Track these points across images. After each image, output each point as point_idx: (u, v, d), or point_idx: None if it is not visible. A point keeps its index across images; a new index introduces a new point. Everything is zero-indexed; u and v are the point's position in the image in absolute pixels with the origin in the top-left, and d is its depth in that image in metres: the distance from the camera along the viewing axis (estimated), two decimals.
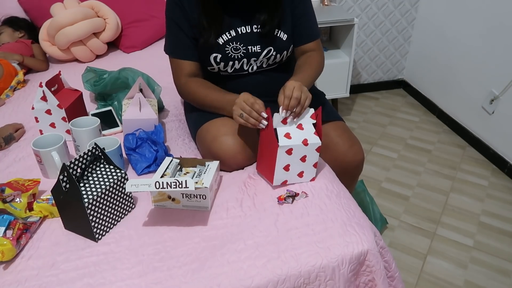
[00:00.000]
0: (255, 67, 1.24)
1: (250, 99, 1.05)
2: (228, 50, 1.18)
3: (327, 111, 1.33)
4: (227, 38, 1.18)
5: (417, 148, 2.33)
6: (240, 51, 1.19)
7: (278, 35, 1.20)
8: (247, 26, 1.19)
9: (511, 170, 2.06)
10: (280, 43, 1.21)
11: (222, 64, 1.20)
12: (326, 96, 1.43)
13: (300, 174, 1.10)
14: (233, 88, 1.24)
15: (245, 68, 1.23)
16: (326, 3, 2.45)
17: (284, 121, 1.05)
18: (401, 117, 2.65)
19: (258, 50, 1.20)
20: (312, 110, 1.08)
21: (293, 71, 1.30)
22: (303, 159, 1.07)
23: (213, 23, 1.16)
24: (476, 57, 2.21)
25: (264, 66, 1.24)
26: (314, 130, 1.08)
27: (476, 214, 1.86)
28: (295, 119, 1.07)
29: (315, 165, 1.09)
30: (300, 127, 1.08)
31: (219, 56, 1.19)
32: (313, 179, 1.12)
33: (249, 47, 1.19)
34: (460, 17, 2.30)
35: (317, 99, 1.35)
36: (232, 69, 1.22)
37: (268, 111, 1.04)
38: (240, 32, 1.19)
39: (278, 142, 1.02)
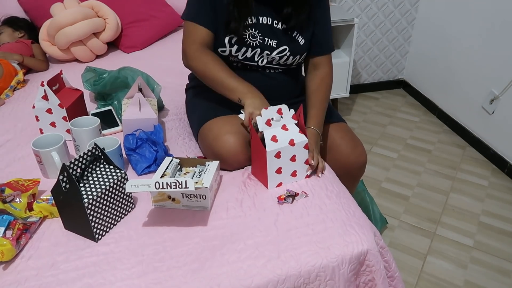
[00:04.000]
0: (265, 61, 1.22)
1: (256, 112, 1.06)
2: (246, 35, 1.17)
3: (328, 112, 1.32)
4: (247, 23, 1.16)
5: (417, 148, 2.33)
6: (257, 39, 1.18)
7: (296, 37, 1.19)
8: (269, 18, 1.17)
9: (511, 170, 2.06)
10: (296, 46, 1.20)
11: (235, 47, 1.18)
12: None
13: (293, 174, 1.10)
14: None
15: (256, 59, 1.21)
16: None
17: (268, 123, 1.06)
18: (401, 117, 2.65)
19: (273, 45, 1.19)
20: (292, 111, 1.08)
21: (299, 78, 1.29)
22: (292, 159, 1.07)
23: (244, 14, 1.14)
24: (476, 57, 2.21)
25: (274, 63, 1.23)
26: (298, 129, 1.09)
27: (476, 214, 1.86)
28: (276, 118, 1.07)
29: (306, 162, 1.10)
30: (284, 127, 1.08)
31: (235, 38, 1.17)
32: (307, 176, 1.12)
33: (266, 39, 1.18)
34: (460, 17, 2.30)
35: None
36: (243, 56, 1.20)
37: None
38: (261, 22, 1.17)
39: (265, 147, 1.03)
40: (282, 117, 1.07)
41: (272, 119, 1.06)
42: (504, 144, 2.10)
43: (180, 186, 0.91)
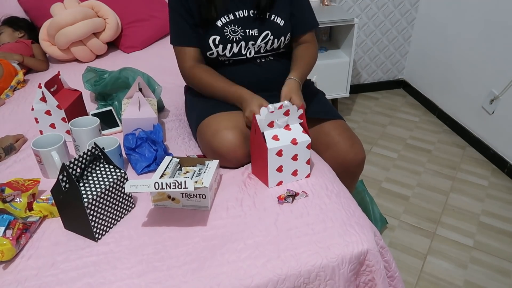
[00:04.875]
0: (253, 52, 1.26)
1: (264, 104, 1.11)
2: (227, 32, 1.22)
3: (326, 109, 1.32)
4: (225, 21, 1.22)
5: (417, 148, 2.33)
6: (238, 33, 1.22)
7: (274, 20, 1.24)
8: (244, 10, 1.23)
9: (511, 170, 2.06)
10: (277, 28, 1.24)
11: (220, 46, 1.23)
12: (326, 97, 1.43)
13: (294, 173, 1.10)
14: (231, 78, 1.26)
15: (243, 52, 1.26)
16: (326, 3, 2.45)
17: (270, 124, 1.06)
18: (401, 117, 2.65)
19: (255, 34, 1.23)
20: (300, 111, 1.08)
21: (289, 64, 1.31)
22: (294, 158, 1.07)
23: (206, 17, 1.20)
24: (476, 57, 2.21)
25: (262, 51, 1.27)
26: (302, 129, 1.09)
27: (476, 214, 1.85)
28: (281, 122, 1.07)
29: (307, 162, 1.10)
30: (287, 127, 1.08)
31: (218, 38, 1.22)
32: (308, 176, 1.12)
33: (247, 30, 1.23)
34: (460, 17, 2.30)
35: (316, 97, 1.35)
36: (231, 53, 1.25)
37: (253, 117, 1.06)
38: (238, 16, 1.23)
39: (266, 145, 1.03)
40: (288, 118, 1.07)
41: (274, 121, 1.06)
42: (504, 144, 2.10)
43: (179, 186, 0.91)
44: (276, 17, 1.24)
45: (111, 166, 1.01)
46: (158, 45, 2.19)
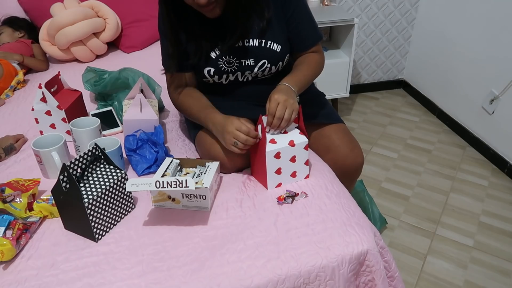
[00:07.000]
0: (250, 78, 1.21)
1: (242, 127, 1.03)
2: (221, 64, 1.16)
3: (327, 112, 1.32)
4: (219, 52, 1.15)
5: (417, 148, 2.33)
6: (234, 64, 1.16)
7: (270, 47, 1.16)
8: (238, 40, 1.15)
9: (511, 170, 2.06)
10: (273, 55, 1.16)
11: (216, 77, 1.18)
12: (326, 97, 1.43)
13: (293, 174, 1.10)
14: (231, 95, 1.24)
15: (240, 79, 1.21)
16: (326, 3, 2.45)
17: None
18: (401, 117, 2.65)
19: (251, 64, 1.17)
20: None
21: None
22: (292, 159, 1.07)
23: (197, 50, 1.15)
24: (476, 57, 2.21)
25: (259, 76, 1.22)
26: (299, 131, 1.09)
27: (476, 214, 1.86)
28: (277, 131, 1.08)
29: (306, 163, 1.10)
30: (284, 131, 1.09)
31: (212, 70, 1.17)
32: (307, 177, 1.12)
33: (242, 61, 1.16)
34: (460, 17, 2.30)
35: (317, 100, 1.35)
36: (227, 81, 1.21)
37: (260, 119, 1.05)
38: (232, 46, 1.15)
39: (264, 148, 1.03)
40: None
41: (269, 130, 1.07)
42: (504, 144, 2.10)
43: (180, 185, 0.91)
44: (272, 43, 1.15)
45: (111, 167, 1.01)
46: (158, 45, 2.17)
